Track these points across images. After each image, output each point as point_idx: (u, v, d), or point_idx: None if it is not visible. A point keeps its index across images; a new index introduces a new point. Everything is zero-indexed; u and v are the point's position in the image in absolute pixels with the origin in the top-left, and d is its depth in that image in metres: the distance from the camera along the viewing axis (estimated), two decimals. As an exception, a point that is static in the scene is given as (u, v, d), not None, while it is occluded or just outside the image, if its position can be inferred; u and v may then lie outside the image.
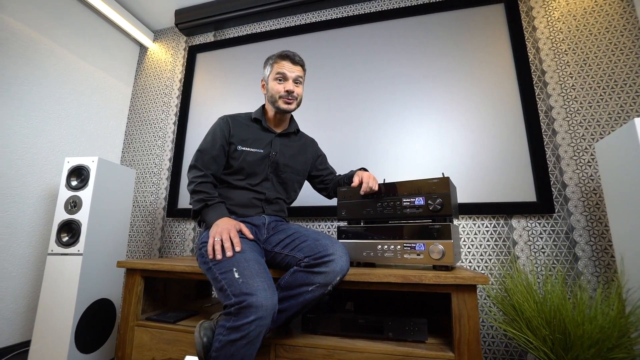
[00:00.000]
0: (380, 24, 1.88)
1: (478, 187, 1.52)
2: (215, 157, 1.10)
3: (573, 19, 1.59)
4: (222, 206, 1.04)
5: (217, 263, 0.86)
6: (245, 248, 0.89)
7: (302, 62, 1.16)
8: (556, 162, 1.47)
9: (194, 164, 1.10)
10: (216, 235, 0.91)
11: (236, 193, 1.11)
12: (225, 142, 1.12)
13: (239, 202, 1.10)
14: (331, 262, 0.85)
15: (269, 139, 1.17)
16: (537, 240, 1.42)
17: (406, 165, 1.64)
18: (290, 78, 1.12)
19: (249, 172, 1.12)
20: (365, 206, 1.12)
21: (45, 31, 1.78)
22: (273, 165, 1.15)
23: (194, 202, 1.03)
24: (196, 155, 1.11)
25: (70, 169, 1.48)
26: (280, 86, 1.12)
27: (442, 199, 0.99)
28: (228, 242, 0.88)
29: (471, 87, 1.64)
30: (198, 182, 1.05)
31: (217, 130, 1.13)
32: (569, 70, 1.55)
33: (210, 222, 0.98)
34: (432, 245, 0.97)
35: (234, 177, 1.12)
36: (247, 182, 1.12)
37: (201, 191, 1.03)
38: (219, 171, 1.13)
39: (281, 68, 1.12)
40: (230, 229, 0.92)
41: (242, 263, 0.83)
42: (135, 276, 1.18)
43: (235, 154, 1.12)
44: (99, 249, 1.47)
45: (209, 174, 1.08)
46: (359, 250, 1.08)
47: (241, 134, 1.14)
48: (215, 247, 0.88)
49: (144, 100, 2.32)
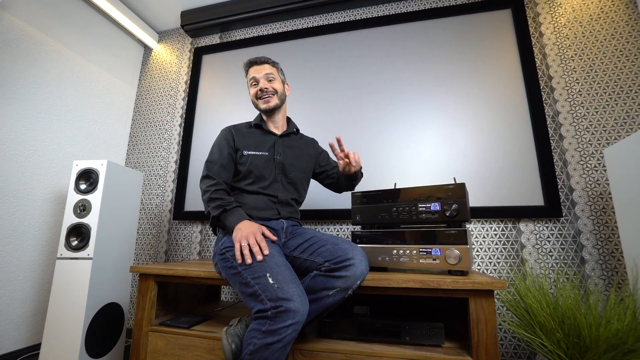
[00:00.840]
0: (388, 28, 1.90)
1: (486, 190, 1.54)
2: (225, 165, 1.12)
3: (579, 26, 1.62)
4: (240, 210, 1.04)
5: (248, 268, 0.86)
6: (273, 252, 0.90)
7: (268, 60, 1.22)
8: (563, 167, 1.49)
9: (205, 175, 1.11)
10: (242, 239, 0.91)
11: (250, 197, 1.13)
12: (232, 150, 1.16)
13: (254, 206, 1.11)
14: (351, 267, 0.85)
15: (272, 141, 1.21)
16: (545, 244, 1.44)
17: (416, 170, 1.65)
18: (260, 79, 1.18)
19: (257, 174, 1.13)
20: (380, 211, 1.13)
21: (50, 32, 1.77)
22: (279, 167, 1.18)
23: (212, 208, 1.03)
24: (206, 166, 1.13)
25: (79, 172, 1.47)
26: (254, 89, 1.19)
27: (458, 204, 1.00)
28: (256, 246, 0.89)
29: (479, 92, 1.66)
30: (213, 190, 1.06)
31: (223, 140, 1.17)
32: (575, 76, 1.57)
33: (231, 227, 0.99)
34: (448, 250, 0.98)
35: (244, 182, 1.14)
36: (257, 185, 1.13)
37: (217, 198, 1.04)
38: (230, 179, 1.15)
39: (251, 73, 1.20)
40: (256, 233, 0.93)
41: (274, 268, 0.84)
42: (149, 281, 1.17)
43: (242, 159, 1.15)
44: (108, 253, 1.46)
45: (221, 181, 1.09)
46: (374, 254, 1.09)
47: (244, 140, 1.18)
48: (244, 251, 0.89)
49: (149, 102, 2.31)
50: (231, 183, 1.15)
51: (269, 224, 1.09)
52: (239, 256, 0.89)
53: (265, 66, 1.20)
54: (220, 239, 1.05)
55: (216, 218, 1.03)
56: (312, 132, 1.83)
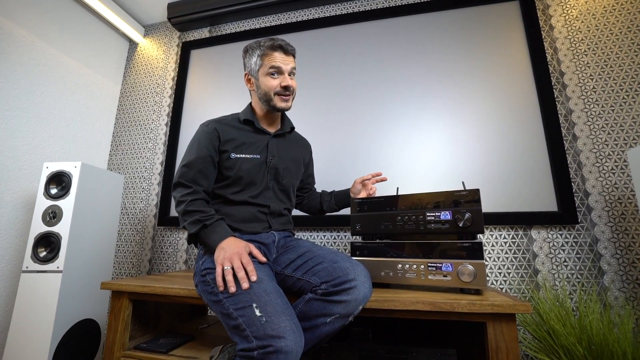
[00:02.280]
0: (387, 21, 1.78)
1: (494, 195, 1.43)
2: (204, 170, 0.95)
3: (592, 18, 1.51)
4: (223, 224, 0.89)
5: (231, 296, 0.72)
6: (262, 277, 0.75)
7: (295, 52, 1.02)
8: (577, 169, 1.39)
9: (179, 181, 0.94)
10: (225, 262, 0.76)
11: (235, 208, 0.97)
12: (214, 152, 0.96)
13: (242, 218, 0.96)
14: (353, 290, 0.73)
15: (265, 142, 1.03)
16: (559, 253, 1.33)
17: (419, 172, 1.54)
18: (285, 71, 0.98)
19: (247, 181, 0.97)
20: (383, 220, 1.00)
21: (23, 23, 1.62)
22: (272, 172, 1.02)
23: (189, 224, 0.87)
24: (180, 170, 0.95)
25: (50, 175, 1.33)
26: (275, 81, 0.97)
27: (472, 213, 0.88)
28: (242, 271, 0.74)
29: (486, 90, 1.55)
30: (189, 201, 0.89)
31: (203, 139, 0.97)
32: (589, 71, 1.46)
33: (213, 246, 0.84)
34: (461, 265, 0.86)
35: (230, 189, 0.97)
36: (246, 194, 0.97)
37: (195, 210, 0.88)
38: (210, 186, 0.98)
39: (274, 61, 0.96)
40: (242, 254, 0.78)
41: (262, 297, 0.70)
42: (122, 299, 1.04)
43: (228, 162, 0.97)
44: (81, 265, 1.32)
45: (199, 189, 0.93)
46: (377, 269, 0.97)
47: (233, 140, 0.99)
48: (227, 277, 0.74)
49: (134, 100, 2.17)
50: (213, 189, 0.99)
51: (259, 237, 0.95)
52: (221, 282, 0.74)
53: (291, 58, 1.00)
54: (201, 256, 0.91)
55: (194, 236, 0.88)
56: (306, 132, 1.70)
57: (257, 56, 0.99)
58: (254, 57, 1.00)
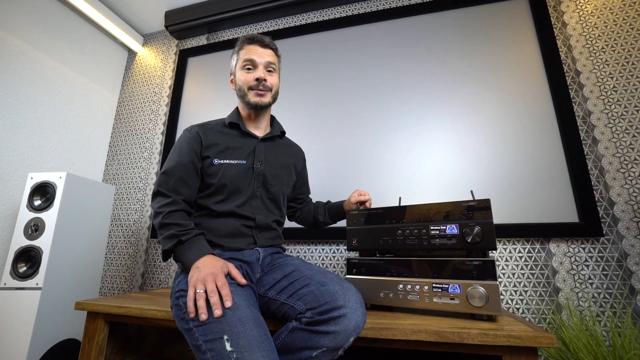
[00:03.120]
0: (389, 22, 1.70)
1: (507, 205, 1.31)
2: (185, 178, 0.87)
3: (610, 13, 1.40)
4: (201, 240, 0.80)
5: (201, 325, 0.63)
6: (239, 302, 0.65)
7: (274, 46, 0.98)
8: (599, 176, 1.26)
9: (157, 190, 0.86)
10: (198, 284, 0.67)
11: (218, 222, 0.88)
12: (196, 158, 0.89)
13: (224, 232, 0.87)
14: (342, 319, 0.62)
15: (251, 146, 0.95)
16: (582, 269, 1.20)
17: (424, 181, 1.43)
18: (260, 64, 0.93)
19: (231, 189, 0.89)
20: (382, 233, 0.90)
21: (19, 33, 1.61)
22: (259, 179, 0.94)
23: (164, 239, 0.78)
24: (160, 178, 0.87)
25: (34, 186, 1.28)
26: (249, 75, 0.92)
27: (482, 227, 0.78)
28: (215, 296, 0.64)
29: (494, 91, 1.45)
30: (166, 213, 0.81)
31: (185, 144, 0.90)
32: (608, 69, 1.35)
33: (188, 264, 0.74)
34: (471, 287, 0.75)
35: (214, 199, 0.89)
36: (231, 203, 0.88)
37: (171, 224, 0.79)
38: (192, 195, 0.89)
39: (249, 54, 0.93)
40: (217, 275, 0.69)
41: (236, 327, 0.60)
42: (98, 321, 0.95)
43: (211, 169, 0.89)
44: (63, 281, 1.25)
45: (179, 199, 0.85)
46: (375, 289, 0.86)
47: (216, 144, 0.92)
48: (198, 302, 0.64)
49: (131, 109, 2.13)
50: (195, 200, 0.91)
51: (241, 255, 0.85)
52: (192, 308, 0.65)
53: (268, 52, 0.95)
54: (178, 275, 0.82)
55: (169, 252, 0.79)
56: (304, 139, 1.62)
57: (236, 53, 0.98)
58: (234, 55, 0.99)
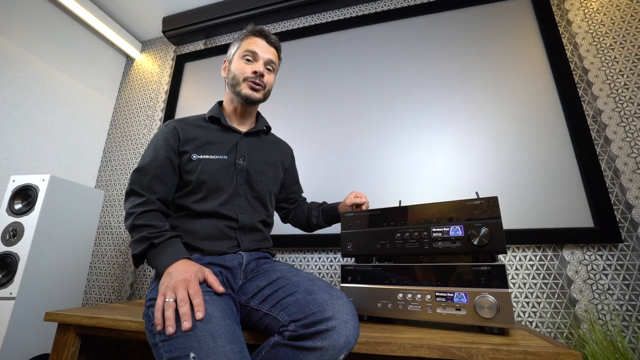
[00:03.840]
0: (390, 24, 1.67)
1: (515, 209, 1.22)
2: (161, 175, 0.80)
3: (617, 10, 1.35)
4: (176, 243, 0.72)
5: (167, 340, 0.54)
6: (213, 313, 0.57)
7: (279, 46, 0.94)
8: (614, 177, 1.18)
9: (131, 189, 0.79)
10: (168, 292, 0.59)
11: (198, 223, 0.80)
12: (173, 154, 0.82)
13: (205, 234, 0.79)
14: (331, 332, 0.54)
15: (234, 141, 0.89)
16: (601, 278, 1.10)
17: (425, 185, 1.35)
18: (261, 59, 0.88)
19: (211, 186, 0.82)
20: (379, 237, 0.82)
21: (11, 35, 1.59)
22: (243, 175, 0.87)
23: (133, 242, 0.71)
24: (133, 176, 0.80)
25: (16, 189, 1.22)
26: (247, 66, 0.87)
27: (489, 228, 0.70)
28: (186, 305, 0.56)
29: (498, 92, 1.39)
30: (138, 213, 0.73)
31: (161, 140, 0.83)
32: (618, 67, 1.28)
33: (160, 270, 0.67)
34: (479, 296, 0.66)
35: (193, 197, 0.82)
36: (211, 202, 0.81)
37: (143, 225, 0.72)
38: (169, 194, 0.82)
39: (252, 45, 0.88)
40: (190, 281, 0.61)
41: (205, 342, 0.51)
42: (68, 334, 0.87)
43: (189, 165, 0.82)
44: (41, 291, 1.17)
45: (154, 199, 0.78)
46: (372, 299, 0.78)
47: (195, 138, 0.86)
48: (166, 312, 0.56)
49: (127, 114, 2.10)
50: (175, 199, 0.84)
51: (221, 259, 0.77)
52: (160, 319, 0.57)
53: (272, 49, 0.91)
54: (153, 281, 0.74)
55: (140, 257, 0.71)
56: (301, 142, 1.57)
57: (237, 40, 0.93)
58: (234, 43, 0.94)
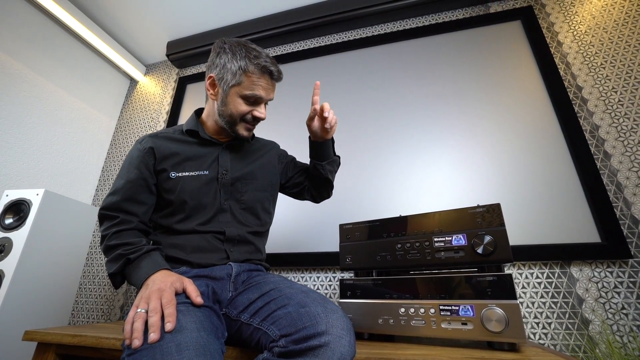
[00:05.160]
0: (385, 47, 1.73)
1: (518, 225, 1.19)
2: (134, 197, 0.76)
3: (604, 32, 1.40)
4: (154, 255, 0.68)
5: (132, 353, 0.49)
6: (185, 324, 0.53)
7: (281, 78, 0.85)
8: (617, 192, 1.16)
9: (103, 213, 0.75)
10: (141, 303, 0.56)
11: (184, 237, 0.76)
12: (148, 173, 0.78)
13: (192, 247, 0.75)
14: (324, 349, 0.49)
15: (214, 154, 0.85)
16: (613, 297, 1.05)
17: (426, 200, 1.34)
18: (263, 102, 0.84)
19: (193, 205, 0.78)
20: (380, 249, 0.79)
21: (17, 56, 1.64)
22: (227, 190, 0.82)
23: (108, 262, 0.68)
24: (106, 200, 0.76)
25: (8, 204, 1.20)
26: (247, 108, 0.81)
27: (494, 236, 0.67)
28: (156, 316, 0.52)
29: (497, 109, 1.41)
30: (112, 234, 0.70)
31: (135, 158, 0.79)
32: (611, 84, 1.31)
33: (138, 284, 0.63)
34: (486, 308, 0.62)
35: (175, 218, 0.78)
36: (194, 221, 0.77)
37: (118, 244, 0.68)
38: (147, 214, 0.79)
39: (257, 89, 0.79)
40: (164, 291, 0.57)
41: (170, 355, 0.46)
42: (48, 355, 0.81)
43: (168, 184, 0.78)
44: (24, 310, 1.12)
45: (128, 219, 0.74)
46: (373, 315, 0.73)
47: (173, 154, 0.81)
48: (135, 324, 0.52)
49: (127, 134, 2.12)
50: (157, 220, 0.80)
51: (209, 271, 0.73)
52: (127, 332, 0.52)
53: (274, 85, 0.84)
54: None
55: (118, 275, 0.67)
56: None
57: (238, 68, 0.79)
58: (233, 66, 0.79)
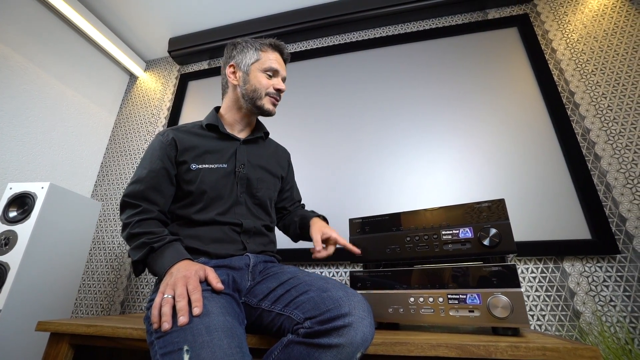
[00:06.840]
0: (386, 49, 1.78)
1: (515, 222, 1.22)
2: (157, 186, 0.78)
3: (594, 41, 1.48)
4: (176, 245, 0.71)
5: (162, 336, 0.52)
6: (211, 308, 0.56)
7: (289, 59, 0.99)
8: (607, 192, 1.23)
9: (125, 201, 0.77)
10: (167, 289, 0.58)
11: (202, 229, 0.79)
12: (170, 165, 0.81)
13: (211, 238, 0.78)
14: (348, 329, 0.52)
15: (232, 149, 0.89)
16: (602, 290, 1.11)
17: (425, 201, 1.38)
18: (280, 75, 0.92)
19: (212, 196, 0.81)
20: (388, 242, 0.83)
21: (19, 48, 1.62)
22: (243, 183, 0.86)
23: (132, 250, 0.70)
24: (129, 188, 0.78)
25: (12, 197, 1.19)
26: (270, 81, 0.90)
27: (499, 229, 0.71)
28: (183, 300, 0.55)
29: (494, 112, 1.46)
30: (135, 222, 0.72)
31: (157, 149, 0.82)
32: (601, 90, 1.38)
33: (161, 273, 0.65)
34: (492, 296, 0.67)
35: (194, 208, 0.80)
36: (212, 211, 0.80)
37: (142, 233, 0.71)
38: (167, 205, 0.81)
39: (274, 63, 0.90)
40: (190, 277, 0.60)
41: (200, 336, 0.50)
42: (61, 345, 0.82)
43: (189, 175, 0.81)
44: (29, 304, 1.11)
45: (151, 208, 0.76)
46: (382, 305, 0.77)
47: (193, 147, 0.85)
48: (163, 308, 0.55)
49: (127, 130, 2.11)
50: (175, 210, 0.82)
51: (228, 261, 0.75)
52: (156, 317, 0.55)
53: (285, 66, 0.96)
54: (154, 286, 0.73)
55: (140, 263, 0.70)
56: (303, 161, 1.60)
57: (255, 49, 0.91)
58: (249, 50, 0.91)
